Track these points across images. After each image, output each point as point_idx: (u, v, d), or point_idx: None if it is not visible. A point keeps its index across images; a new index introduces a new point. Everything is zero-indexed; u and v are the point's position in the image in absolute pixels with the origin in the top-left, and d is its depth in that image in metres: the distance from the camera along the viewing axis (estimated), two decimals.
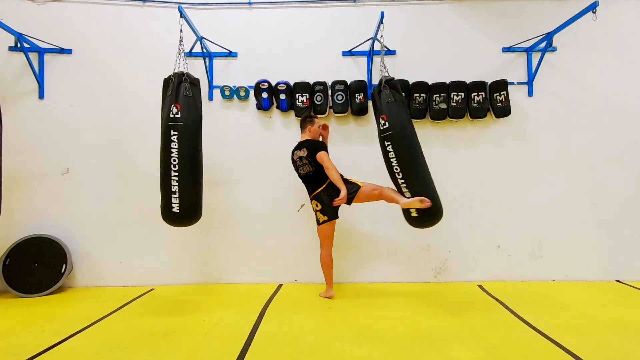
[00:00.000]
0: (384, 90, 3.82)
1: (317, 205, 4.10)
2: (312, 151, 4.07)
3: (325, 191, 4.06)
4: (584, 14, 3.98)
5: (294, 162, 4.23)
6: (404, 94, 4.71)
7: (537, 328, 3.33)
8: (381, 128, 3.82)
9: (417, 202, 3.69)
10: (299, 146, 4.20)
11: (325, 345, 3.07)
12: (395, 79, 3.93)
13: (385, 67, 4.01)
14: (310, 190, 4.16)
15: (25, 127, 4.85)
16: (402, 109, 3.83)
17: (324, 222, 4.10)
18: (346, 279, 4.87)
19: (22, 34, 4.65)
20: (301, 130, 4.35)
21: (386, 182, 4.87)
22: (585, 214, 4.89)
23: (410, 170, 3.75)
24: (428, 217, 3.80)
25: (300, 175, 4.23)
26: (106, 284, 4.84)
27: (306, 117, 4.36)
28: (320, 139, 4.36)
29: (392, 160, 3.78)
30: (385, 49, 4.85)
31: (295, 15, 5.03)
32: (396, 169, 3.78)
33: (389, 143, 3.76)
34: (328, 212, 4.08)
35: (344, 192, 3.97)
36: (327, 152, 4.10)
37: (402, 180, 3.78)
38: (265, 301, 4.16)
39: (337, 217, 4.14)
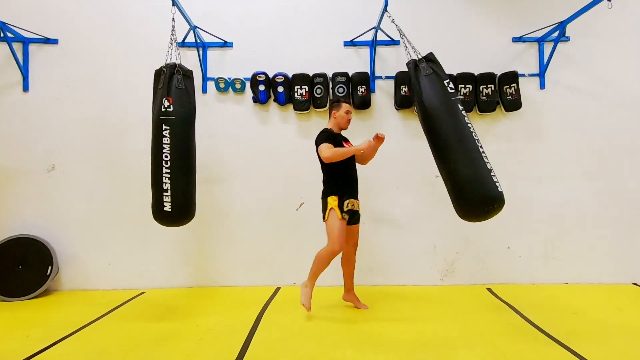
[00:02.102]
0: (420, 64, 3.63)
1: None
2: (317, 148, 3.80)
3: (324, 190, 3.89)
4: (599, 2, 3.96)
5: None
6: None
7: (550, 334, 3.32)
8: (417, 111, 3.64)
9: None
10: None
11: (326, 352, 3.06)
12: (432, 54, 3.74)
13: (412, 47, 3.86)
14: None
15: (9, 121, 4.83)
16: (442, 82, 3.57)
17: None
18: None
19: (5, 22, 4.61)
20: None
21: (392, 181, 4.87)
22: (601, 213, 4.87)
23: (451, 149, 3.41)
24: (485, 205, 3.32)
25: None
26: (94, 287, 4.83)
27: (333, 101, 4.05)
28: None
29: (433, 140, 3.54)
30: (389, 39, 4.83)
31: (294, 3, 5.00)
32: (436, 150, 3.52)
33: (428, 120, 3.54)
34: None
35: (362, 147, 3.65)
36: (328, 142, 3.71)
37: (445, 160, 3.47)
38: (262, 305, 4.15)
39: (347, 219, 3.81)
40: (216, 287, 4.83)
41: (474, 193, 3.31)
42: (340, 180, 3.82)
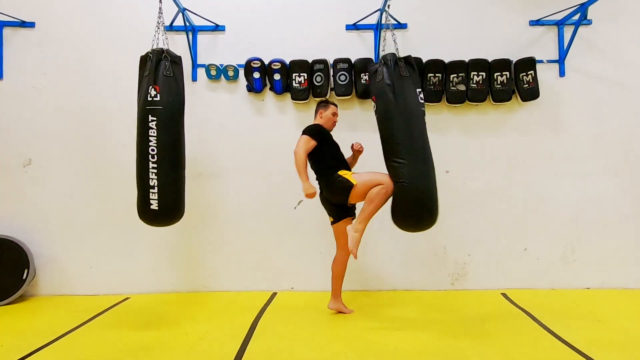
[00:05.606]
0: (400, 63, 3.70)
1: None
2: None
3: (321, 184, 3.98)
4: None
5: None
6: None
7: (570, 343, 3.31)
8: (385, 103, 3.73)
9: None
10: None
11: None
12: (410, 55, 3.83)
13: (394, 42, 3.92)
14: None
15: None
16: (413, 84, 3.74)
17: (332, 222, 4.04)
18: (350, 286, 4.82)
19: None
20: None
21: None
22: (625, 212, 4.86)
23: (413, 153, 3.63)
24: (418, 217, 3.71)
25: None
26: (74, 292, 4.83)
27: (321, 101, 4.31)
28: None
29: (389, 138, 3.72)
30: (395, 22, 4.82)
31: None
32: (395, 150, 3.67)
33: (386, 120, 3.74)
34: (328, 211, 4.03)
35: (304, 187, 3.78)
36: (312, 137, 3.88)
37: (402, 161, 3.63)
38: (257, 312, 4.14)
39: (340, 218, 3.98)
40: (207, 292, 4.83)
41: (418, 215, 3.70)
42: (335, 158, 4.01)
